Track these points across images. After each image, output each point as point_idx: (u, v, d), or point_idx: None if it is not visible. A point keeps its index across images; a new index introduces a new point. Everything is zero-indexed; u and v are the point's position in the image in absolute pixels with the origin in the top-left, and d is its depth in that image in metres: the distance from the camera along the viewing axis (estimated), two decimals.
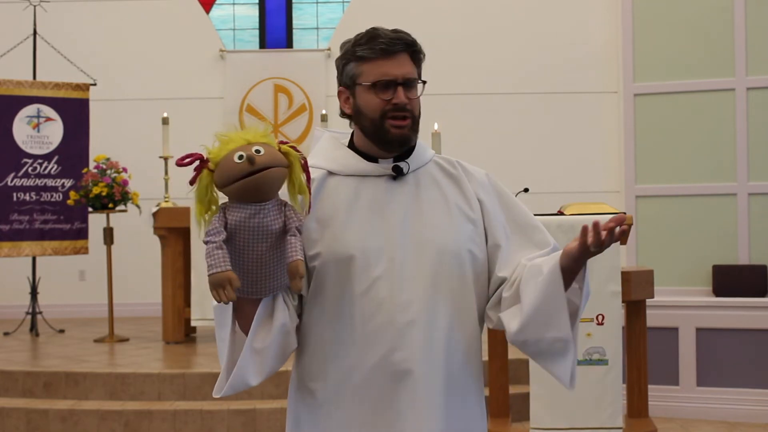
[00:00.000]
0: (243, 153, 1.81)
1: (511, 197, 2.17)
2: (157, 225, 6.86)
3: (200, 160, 1.87)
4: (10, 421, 5.38)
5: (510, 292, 2.04)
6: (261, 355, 1.95)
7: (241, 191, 1.83)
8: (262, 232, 1.85)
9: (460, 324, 2.04)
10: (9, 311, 8.33)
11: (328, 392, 2.01)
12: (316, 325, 2.02)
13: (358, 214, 2.02)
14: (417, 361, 1.97)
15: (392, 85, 2.01)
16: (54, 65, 7.88)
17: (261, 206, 1.85)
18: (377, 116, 2.03)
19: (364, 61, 2.03)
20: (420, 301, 1.99)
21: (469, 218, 2.09)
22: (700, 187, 8.14)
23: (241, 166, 1.81)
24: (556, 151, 8.79)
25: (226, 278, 1.79)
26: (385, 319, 1.97)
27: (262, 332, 1.95)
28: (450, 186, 2.12)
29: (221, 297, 1.80)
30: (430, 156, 2.14)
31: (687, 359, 5.77)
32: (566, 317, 1.93)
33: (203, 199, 1.87)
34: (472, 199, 2.11)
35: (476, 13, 8.93)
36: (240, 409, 5.30)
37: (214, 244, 1.81)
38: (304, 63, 9.00)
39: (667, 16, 8.27)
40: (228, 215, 1.84)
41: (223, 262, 1.80)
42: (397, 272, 1.99)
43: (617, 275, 4.23)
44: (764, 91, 7.93)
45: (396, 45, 2.02)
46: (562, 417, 4.25)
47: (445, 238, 2.04)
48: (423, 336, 1.97)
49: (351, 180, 2.06)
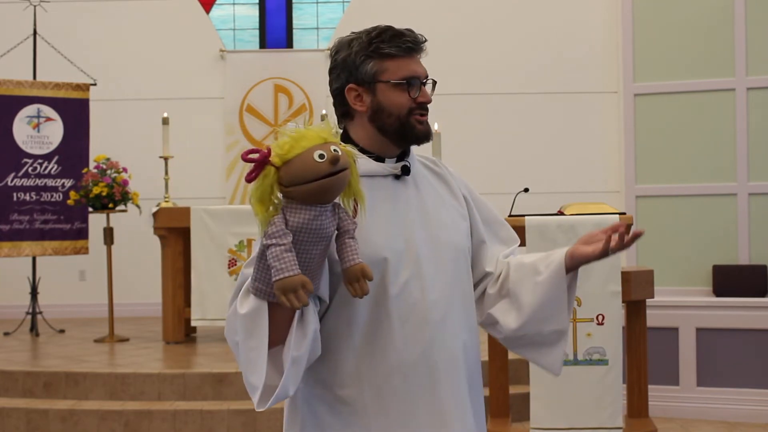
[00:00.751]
0: (323, 152, 1.73)
1: (477, 193, 2.25)
2: (157, 225, 6.86)
3: (265, 157, 1.74)
4: (10, 421, 5.38)
5: (495, 288, 2.14)
6: (298, 363, 1.85)
7: (314, 192, 1.74)
8: (320, 235, 1.77)
9: (470, 320, 2.09)
10: (9, 311, 8.33)
11: (365, 397, 1.95)
12: (347, 330, 1.96)
13: (379, 215, 2.00)
14: (449, 359, 2.00)
15: (419, 83, 2.05)
16: (54, 65, 7.88)
17: (323, 208, 1.77)
18: (404, 113, 2.04)
19: (389, 58, 2.03)
20: (445, 299, 2.02)
21: (462, 216, 2.14)
22: (700, 187, 8.14)
23: (322, 165, 1.72)
24: (556, 151, 8.79)
25: (300, 282, 1.71)
26: (420, 319, 1.98)
27: (299, 339, 1.85)
28: (440, 185, 2.15)
29: (293, 302, 1.71)
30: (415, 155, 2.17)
31: (687, 359, 5.77)
32: (566, 312, 2.08)
33: (266, 198, 1.76)
34: (459, 196, 2.16)
35: (476, 13, 8.93)
36: (240, 409, 5.30)
37: (282, 246, 1.72)
38: (304, 63, 9.00)
39: (667, 16, 8.27)
40: (288, 216, 1.75)
41: (294, 266, 1.71)
42: (424, 272, 2.00)
43: (617, 275, 4.23)
44: (764, 91, 7.92)
45: (420, 44, 2.06)
46: (562, 417, 4.25)
47: (455, 236, 2.09)
48: (450, 333, 2.01)
49: (361, 180, 2.02)
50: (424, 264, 2.01)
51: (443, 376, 1.99)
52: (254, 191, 1.75)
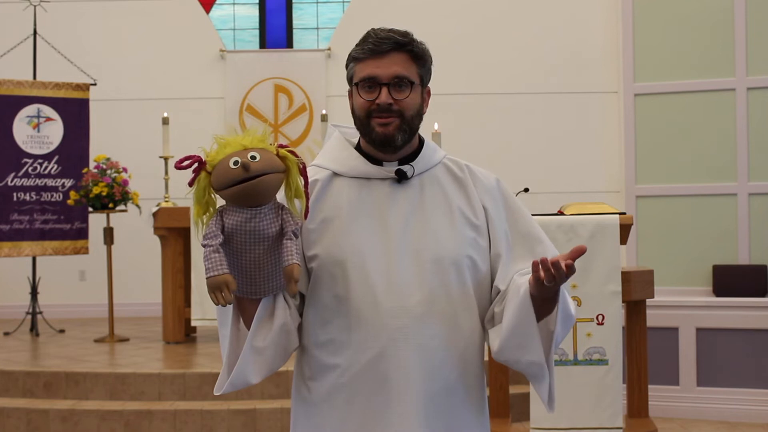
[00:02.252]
0: (238, 159, 1.82)
1: (519, 206, 2.13)
2: (157, 225, 6.86)
3: (198, 163, 1.87)
4: (11, 421, 5.38)
5: (500, 307, 2.03)
6: (262, 354, 1.95)
7: (236, 197, 1.84)
8: (258, 235, 1.86)
9: (457, 333, 2.00)
10: (9, 311, 8.34)
11: (321, 392, 2.01)
12: (312, 326, 2.02)
13: (359, 218, 2.01)
14: (405, 369, 1.95)
15: (376, 85, 1.99)
16: (54, 65, 7.88)
17: (257, 210, 1.86)
18: (363, 115, 2.01)
19: (357, 61, 2.02)
20: (414, 308, 1.96)
21: (471, 224, 2.05)
22: (700, 187, 8.14)
23: (235, 172, 1.81)
24: (556, 151, 8.79)
25: (223, 281, 1.81)
26: (378, 324, 1.95)
27: (263, 331, 1.95)
28: (455, 190, 2.08)
29: (218, 300, 1.82)
30: (439, 158, 2.11)
31: (687, 359, 5.77)
32: (538, 342, 1.92)
33: (201, 200, 1.88)
34: (477, 205, 2.07)
35: (476, 13, 8.93)
36: (240, 409, 5.30)
37: (211, 247, 1.83)
38: (304, 63, 9.00)
39: (667, 16, 8.27)
40: (225, 218, 1.86)
41: (220, 266, 1.82)
42: (394, 278, 1.97)
43: (617, 275, 4.23)
44: (764, 91, 7.92)
45: (383, 44, 1.98)
46: (562, 417, 4.25)
47: (444, 244, 2.00)
48: (414, 344, 1.95)
49: (355, 182, 2.05)
50: (398, 272, 1.97)
51: (393, 385, 1.95)
52: (193, 195, 1.88)
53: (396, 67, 1.99)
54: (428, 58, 2.05)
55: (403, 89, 2.00)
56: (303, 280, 2.02)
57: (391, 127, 1.99)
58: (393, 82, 1.99)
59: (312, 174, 2.06)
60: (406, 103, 2.00)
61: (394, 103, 1.98)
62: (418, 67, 2.03)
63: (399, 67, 1.99)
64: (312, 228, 2.01)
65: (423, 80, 2.05)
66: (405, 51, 2.01)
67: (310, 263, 2.01)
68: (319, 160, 2.11)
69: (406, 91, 2.00)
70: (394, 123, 1.99)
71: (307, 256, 2.01)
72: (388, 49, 1.98)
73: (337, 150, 2.11)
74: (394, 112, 1.99)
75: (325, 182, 2.05)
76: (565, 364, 4.23)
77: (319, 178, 2.05)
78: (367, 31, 2.03)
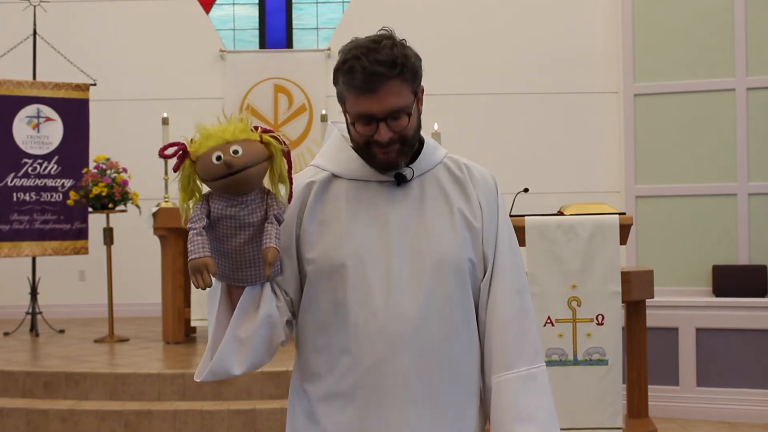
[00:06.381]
0: (220, 154, 1.82)
1: (506, 215, 2.11)
2: (157, 225, 6.86)
3: (183, 150, 1.87)
4: (10, 421, 5.38)
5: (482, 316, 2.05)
6: (245, 344, 1.93)
7: (220, 189, 1.85)
8: (242, 222, 1.87)
9: (457, 337, 1.99)
10: (9, 311, 8.34)
11: (320, 395, 1.98)
12: (310, 330, 2.00)
13: (358, 221, 1.98)
14: (406, 375, 1.93)
15: (373, 121, 1.92)
16: (54, 65, 7.88)
17: (242, 198, 1.87)
18: (362, 143, 1.96)
19: (345, 90, 1.93)
20: (415, 312, 1.94)
21: (471, 225, 2.02)
22: (700, 187, 8.15)
23: (218, 168, 1.82)
24: (556, 151, 8.79)
25: (203, 264, 1.81)
26: (377, 329, 1.93)
27: (247, 322, 1.93)
28: (455, 191, 2.05)
29: (198, 282, 1.82)
30: (439, 158, 2.08)
31: (687, 359, 5.77)
32: None
33: (186, 188, 1.89)
34: (475, 204, 2.05)
35: (476, 14, 8.93)
36: (240, 409, 5.30)
37: (194, 230, 1.84)
38: (304, 63, 9.00)
39: (667, 16, 8.27)
40: (211, 203, 1.88)
41: (202, 248, 1.82)
42: (393, 282, 1.94)
43: (617, 275, 4.22)
44: (764, 91, 7.93)
45: (373, 83, 1.87)
46: (562, 417, 4.22)
47: (445, 248, 1.98)
48: (414, 349, 1.93)
49: (354, 184, 2.01)
50: (397, 275, 1.94)
51: (390, 392, 1.93)
52: (178, 182, 1.89)
53: (391, 99, 1.90)
54: (418, 68, 1.95)
55: (401, 119, 1.93)
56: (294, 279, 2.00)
57: (392, 153, 1.95)
58: (389, 116, 1.91)
59: (311, 175, 2.04)
60: (405, 130, 1.95)
61: (393, 135, 1.93)
62: (411, 86, 1.94)
63: (394, 98, 1.90)
64: (312, 230, 1.98)
65: (416, 93, 1.97)
66: (396, 78, 1.90)
67: (307, 266, 1.98)
68: (318, 161, 2.08)
69: (404, 119, 1.93)
70: (395, 149, 1.95)
71: (306, 258, 1.98)
72: (379, 85, 1.88)
73: (336, 150, 2.07)
74: (395, 141, 1.94)
75: (324, 183, 2.02)
76: (564, 364, 4.23)
77: (317, 179, 2.02)
78: (350, 61, 1.89)
